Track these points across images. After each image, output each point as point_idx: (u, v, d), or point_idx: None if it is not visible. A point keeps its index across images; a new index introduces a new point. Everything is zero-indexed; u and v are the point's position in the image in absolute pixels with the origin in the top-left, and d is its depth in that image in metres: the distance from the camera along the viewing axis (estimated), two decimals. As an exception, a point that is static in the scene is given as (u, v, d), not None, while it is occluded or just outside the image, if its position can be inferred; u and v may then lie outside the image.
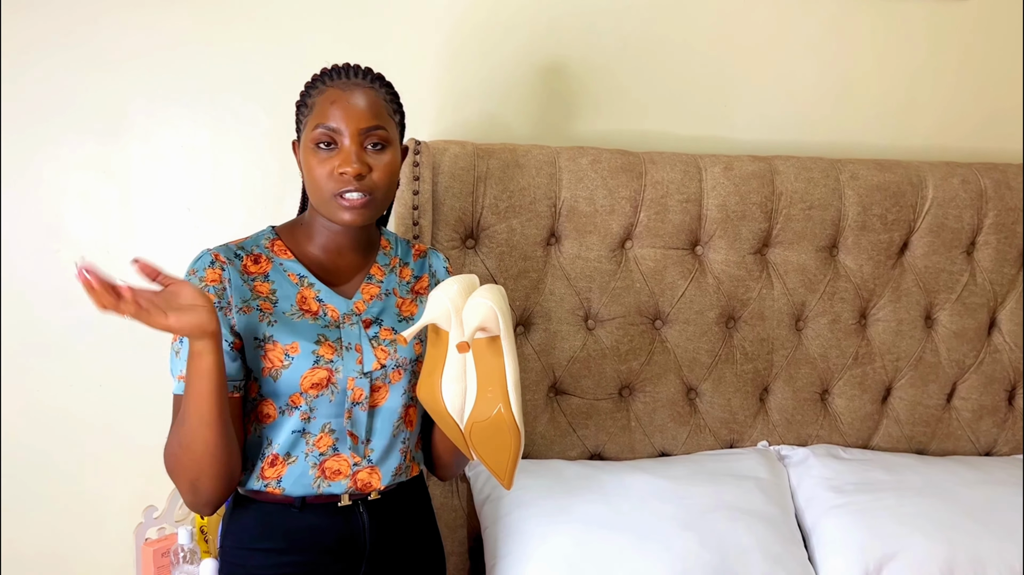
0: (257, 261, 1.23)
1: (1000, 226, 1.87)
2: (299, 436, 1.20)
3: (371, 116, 1.18)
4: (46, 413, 1.69)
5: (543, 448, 1.72)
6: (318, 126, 1.17)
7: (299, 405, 1.19)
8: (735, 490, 1.62)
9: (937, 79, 1.98)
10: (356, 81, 1.21)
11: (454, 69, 1.76)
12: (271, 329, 1.18)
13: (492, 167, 1.64)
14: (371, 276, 1.28)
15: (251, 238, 1.26)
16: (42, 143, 1.63)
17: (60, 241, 1.66)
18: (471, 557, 1.71)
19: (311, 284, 1.23)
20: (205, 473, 1.12)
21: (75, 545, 1.73)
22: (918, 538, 1.58)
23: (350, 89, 1.19)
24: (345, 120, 1.17)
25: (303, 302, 1.22)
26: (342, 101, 1.18)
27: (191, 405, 1.10)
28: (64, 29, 1.60)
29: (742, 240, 1.76)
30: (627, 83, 1.84)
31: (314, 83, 1.22)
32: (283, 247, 1.25)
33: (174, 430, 1.14)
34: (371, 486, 1.24)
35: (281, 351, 1.18)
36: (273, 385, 1.18)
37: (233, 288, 1.19)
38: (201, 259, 1.20)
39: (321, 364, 1.19)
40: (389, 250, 1.32)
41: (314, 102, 1.20)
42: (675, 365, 1.76)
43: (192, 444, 1.11)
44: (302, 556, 1.22)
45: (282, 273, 1.23)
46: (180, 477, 1.14)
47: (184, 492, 1.15)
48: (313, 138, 1.18)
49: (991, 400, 1.91)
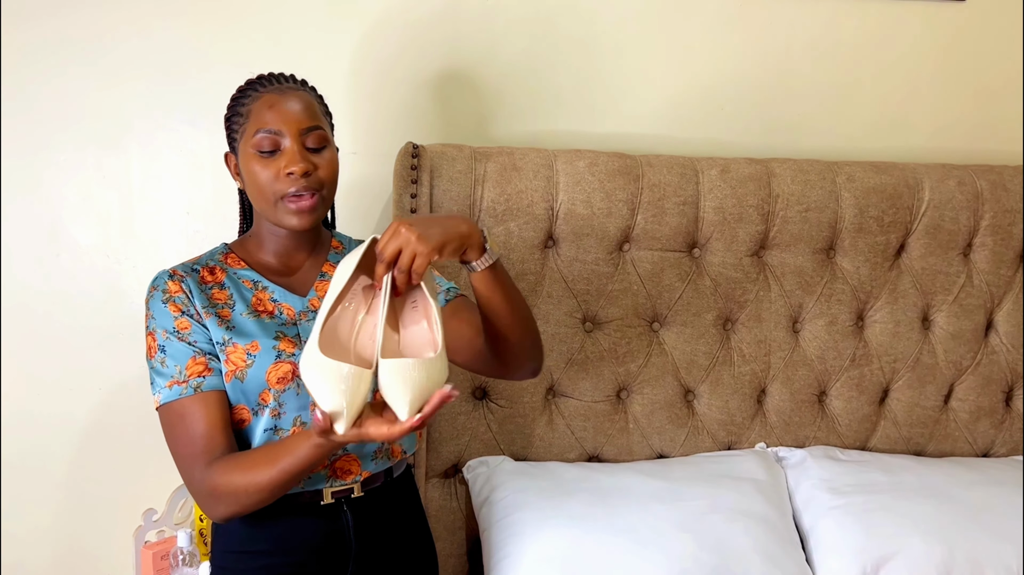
0: (212, 272, 1.25)
1: (997, 228, 1.87)
2: (272, 434, 1.21)
3: (309, 117, 1.21)
4: (46, 415, 1.70)
5: (541, 450, 1.73)
6: (258, 131, 1.19)
7: (268, 402, 1.20)
8: (733, 492, 1.62)
9: (934, 81, 1.99)
10: (287, 86, 1.23)
11: (451, 72, 1.77)
12: (230, 333, 1.20)
13: (489, 170, 1.64)
14: (324, 274, 1.30)
15: (205, 255, 1.29)
16: (42, 148, 1.64)
17: (60, 245, 1.67)
18: (469, 559, 1.71)
19: (265, 287, 1.26)
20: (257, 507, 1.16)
21: (75, 547, 1.74)
22: (916, 539, 1.58)
23: (284, 93, 1.21)
24: (285, 122, 1.19)
25: (258, 304, 1.24)
26: (279, 105, 1.20)
27: (293, 467, 1.11)
28: (64, 35, 1.61)
29: (739, 242, 1.76)
30: (624, 86, 1.85)
31: (244, 93, 1.24)
32: (236, 259, 1.28)
33: (242, 473, 1.13)
34: (351, 473, 1.25)
35: (243, 351, 1.19)
36: (241, 386, 1.19)
37: (195, 297, 1.21)
38: (160, 276, 1.23)
39: (283, 358, 1.20)
40: (342, 250, 1.34)
41: (249, 110, 1.21)
42: (673, 367, 1.77)
43: (270, 493, 1.13)
44: (289, 558, 1.23)
45: (236, 281, 1.25)
46: (234, 508, 1.15)
47: (227, 515, 1.16)
48: (254, 144, 1.19)
49: (988, 401, 1.91)
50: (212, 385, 1.18)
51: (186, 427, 1.17)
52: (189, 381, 1.18)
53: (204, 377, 1.18)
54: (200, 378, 1.18)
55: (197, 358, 1.19)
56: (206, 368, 1.19)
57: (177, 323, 1.19)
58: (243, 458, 1.16)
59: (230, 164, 1.27)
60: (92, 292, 1.69)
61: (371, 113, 1.75)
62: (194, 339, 1.19)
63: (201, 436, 1.16)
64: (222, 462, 1.15)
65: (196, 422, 1.17)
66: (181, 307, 1.20)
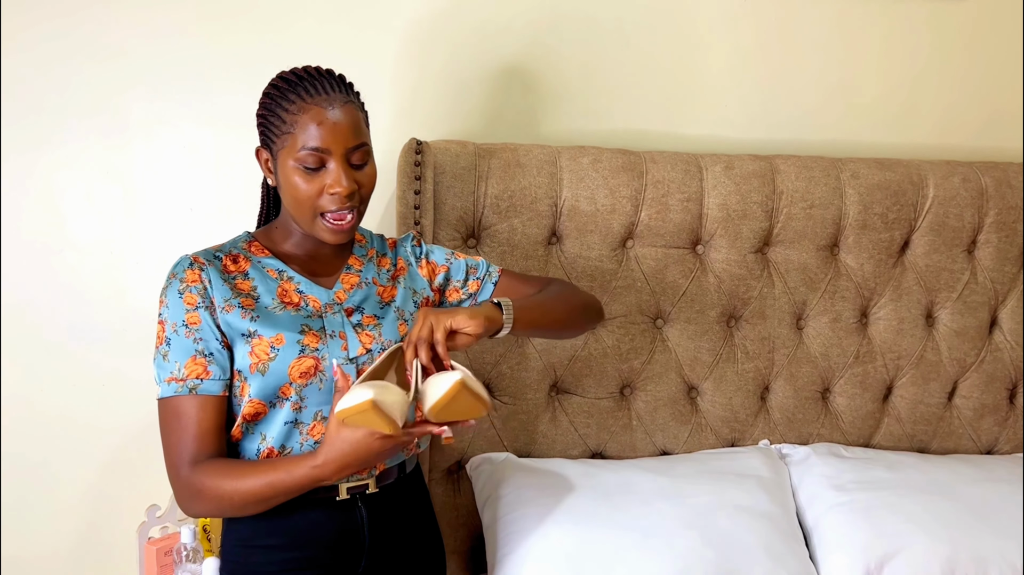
0: (236, 260, 1.25)
1: (1001, 225, 1.87)
2: (292, 427, 1.21)
3: (355, 135, 1.20)
4: (48, 413, 1.69)
5: (544, 447, 1.73)
6: (303, 148, 1.17)
7: (289, 396, 1.20)
8: (736, 489, 1.62)
9: (938, 78, 1.98)
10: (335, 96, 1.19)
11: (454, 69, 1.76)
12: (254, 324, 1.20)
13: (493, 167, 1.64)
14: (350, 267, 1.30)
15: (228, 242, 1.28)
16: (44, 143, 1.63)
17: (63, 241, 1.66)
18: (473, 555, 1.71)
19: (290, 278, 1.25)
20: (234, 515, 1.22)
21: (78, 545, 1.74)
22: (919, 536, 1.58)
23: (332, 106, 1.18)
24: (332, 142, 1.17)
25: (284, 295, 1.24)
26: (327, 123, 1.17)
27: (284, 485, 1.15)
28: (66, 29, 1.61)
29: (743, 239, 1.76)
30: (628, 82, 1.85)
31: (286, 95, 1.19)
32: (260, 247, 1.27)
33: (230, 479, 1.16)
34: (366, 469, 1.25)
35: (267, 344, 1.19)
36: (262, 380, 1.19)
37: (214, 288, 1.20)
38: (180, 263, 1.22)
39: (307, 353, 1.20)
40: (365, 243, 1.36)
41: (295, 120, 1.17)
42: (676, 364, 1.77)
43: (254, 505, 1.18)
44: (302, 552, 1.23)
45: (261, 270, 1.25)
46: (211, 510, 1.20)
47: (202, 514, 1.21)
48: (299, 159, 1.17)
49: (992, 399, 1.91)
50: (207, 390, 1.18)
51: (179, 425, 1.18)
52: (186, 381, 1.18)
53: (201, 379, 1.18)
54: (197, 380, 1.18)
55: (197, 358, 1.18)
56: (205, 370, 1.19)
57: (188, 317, 1.19)
58: (235, 465, 1.18)
59: (261, 159, 1.25)
60: (95, 288, 1.68)
61: (374, 109, 1.74)
62: (200, 337, 1.19)
63: (193, 437, 1.18)
64: (212, 464, 1.17)
65: (189, 423, 1.18)
66: (196, 299, 1.19)
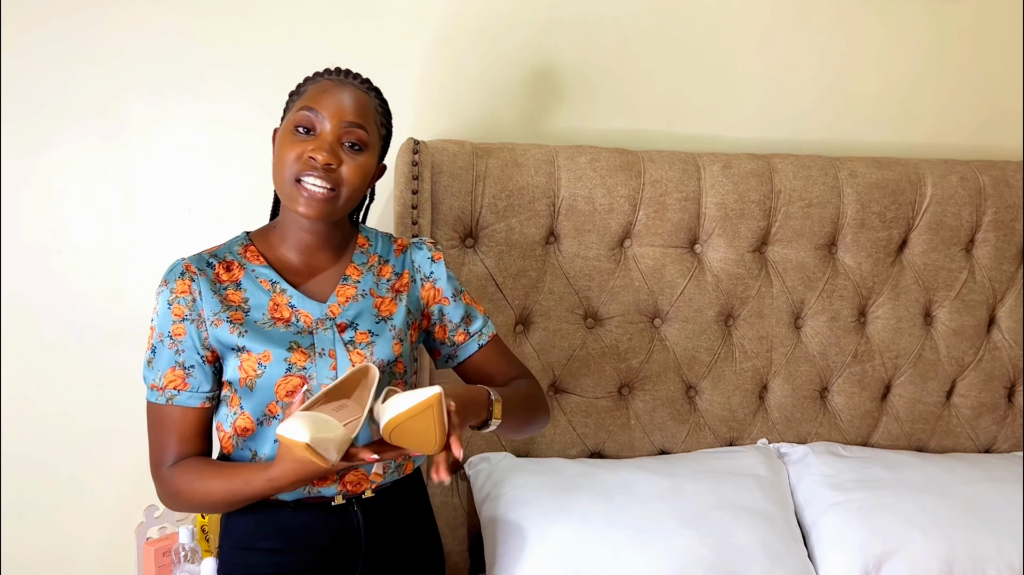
0: (229, 268, 1.23)
1: (999, 223, 1.87)
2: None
3: (356, 113, 1.19)
4: (46, 413, 1.69)
5: (543, 446, 1.73)
6: (302, 108, 1.18)
7: (276, 414, 1.20)
8: (735, 488, 1.62)
9: (935, 77, 1.98)
10: (352, 82, 1.22)
11: (452, 68, 1.76)
12: (243, 339, 1.19)
13: (491, 166, 1.64)
14: (347, 277, 1.26)
15: (224, 245, 1.26)
16: (42, 144, 1.63)
17: (61, 242, 1.66)
18: (471, 555, 1.71)
19: (283, 290, 1.23)
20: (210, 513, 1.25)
21: (76, 545, 1.74)
22: (918, 535, 1.58)
23: (343, 84, 1.21)
24: (330, 109, 1.17)
25: (275, 309, 1.21)
26: (332, 92, 1.19)
27: (243, 492, 1.16)
28: (65, 30, 1.61)
29: (741, 238, 1.76)
30: (625, 81, 1.85)
31: (313, 77, 1.24)
32: (256, 253, 1.25)
33: (200, 481, 1.19)
34: (361, 487, 1.24)
35: (255, 360, 1.18)
36: (251, 394, 1.19)
37: (204, 300, 1.19)
38: (173, 269, 1.21)
39: (294, 372, 1.19)
40: (367, 247, 1.30)
41: (306, 90, 1.21)
42: (674, 363, 1.77)
43: (222, 507, 1.21)
44: (299, 555, 1.23)
45: (254, 280, 1.23)
46: (187, 508, 1.23)
47: (181, 510, 1.26)
48: (295, 120, 1.18)
49: (991, 397, 1.91)
50: (183, 402, 1.20)
51: (162, 429, 1.21)
52: (165, 391, 1.20)
53: (178, 391, 1.20)
54: (174, 390, 1.20)
55: (176, 370, 1.19)
56: (183, 382, 1.19)
57: (173, 329, 1.19)
58: (205, 467, 1.20)
59: (275, 142, 1.24)
60: (93, 289, 1.68)
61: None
62: (182, 348, 1.19)
63: (173, 442, 1.21)
64: (186, 465, 1.20)
65: (171, 427, 1.21)
66: (184, 311, 1.19)
